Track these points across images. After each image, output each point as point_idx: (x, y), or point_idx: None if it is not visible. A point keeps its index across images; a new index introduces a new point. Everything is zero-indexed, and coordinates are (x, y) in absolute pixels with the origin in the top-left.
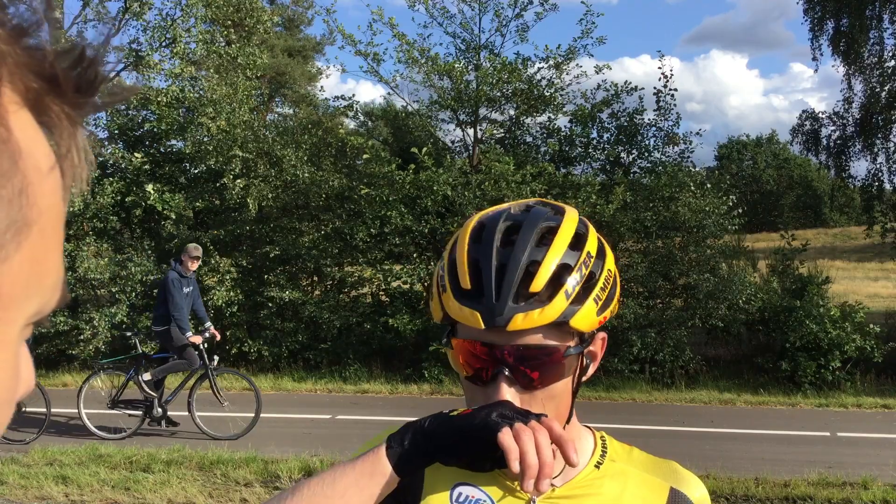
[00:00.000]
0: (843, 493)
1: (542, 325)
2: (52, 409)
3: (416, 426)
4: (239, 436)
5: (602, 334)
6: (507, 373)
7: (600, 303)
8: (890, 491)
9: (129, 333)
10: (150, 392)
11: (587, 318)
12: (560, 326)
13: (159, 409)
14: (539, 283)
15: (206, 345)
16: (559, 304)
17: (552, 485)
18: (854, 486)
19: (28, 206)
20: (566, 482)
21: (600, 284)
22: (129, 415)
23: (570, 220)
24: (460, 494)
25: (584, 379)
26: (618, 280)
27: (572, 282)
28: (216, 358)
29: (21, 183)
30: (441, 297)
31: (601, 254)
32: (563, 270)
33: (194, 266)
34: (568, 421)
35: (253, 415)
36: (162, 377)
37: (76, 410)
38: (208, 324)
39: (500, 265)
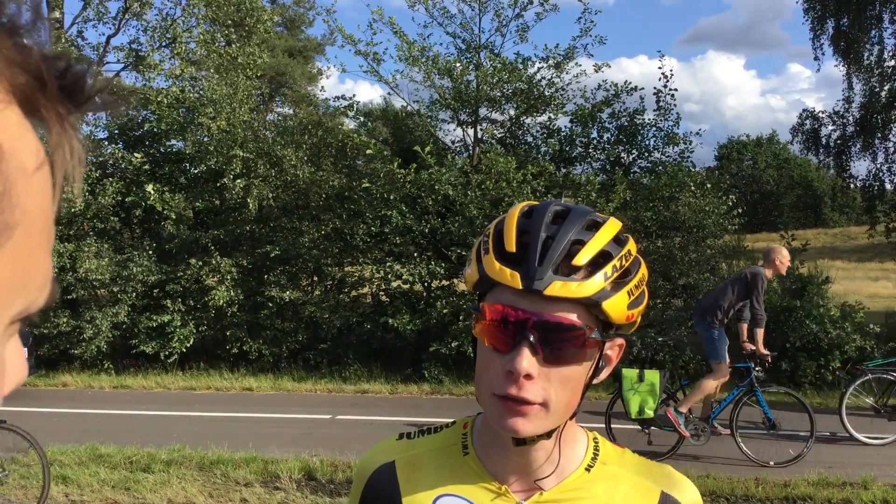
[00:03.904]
0: (843, 493)
1: (577, 297)
2: (52, 409)
3: None
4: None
5: (621, 340)
6: (531, 339)
7: (632, 297)
8: (890, 491)
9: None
10: None
11: (619, 305)
12: (591, 309)
13: None
14: (582, 258)
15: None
16: (597, 282)
17: (541, 488)
18: (854, 486)
19: (10, 208)
20: (556, 485)
21: (634, 282)
22: None
23: (615, 223)
24: None
25: (595, 380)
26: (646, 292)
27: (611, 268)
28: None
29: (2, 185)
30: (482, 259)
31: (638, 260)
32: (604, 256)
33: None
34: (574, 415)
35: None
36: None
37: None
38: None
39: (547, 237)
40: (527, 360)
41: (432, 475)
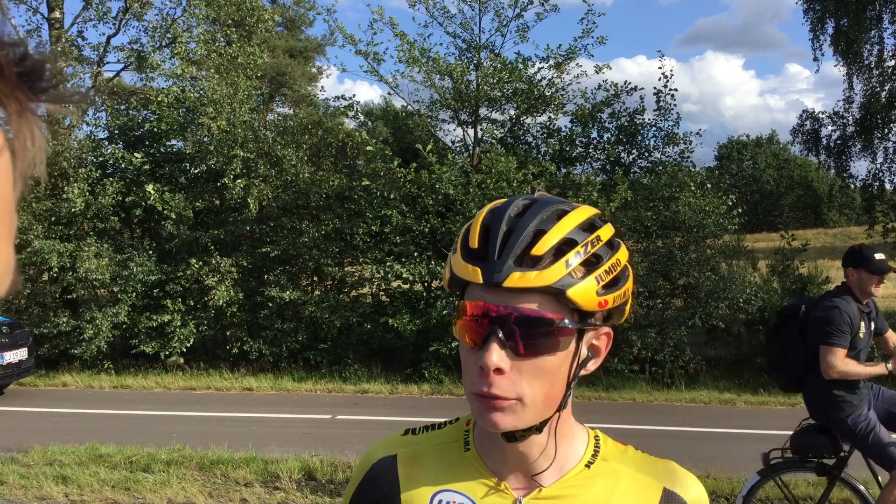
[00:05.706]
0: (843, 493)
1: (538, 286)
2: (52, 409)
3: None
4: None
5: (607, 329)
6: (499, 334)
7: (602, 283)
8: None
9: None
10: None
11: (586, 293)
12: (558, 297)
13: None
14: (541, 248)
15: None
16: (558, 270)
17: (540, 485)
18: None
19: None
20: (555, 481)
21: (605, 267)
22: None
23: (586, 210)
24: (440, 502)
25: (584, 372)
26: (630, 276)
27: (575, 255)
28: None
29: None
30: (451, 258)
31: (613, 245)
32: (567, 244)
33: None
34: (561, 408)
35: None
36: None
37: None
38: None
39: (508, 230)
40: (496, 355)
41: (432, 471)
